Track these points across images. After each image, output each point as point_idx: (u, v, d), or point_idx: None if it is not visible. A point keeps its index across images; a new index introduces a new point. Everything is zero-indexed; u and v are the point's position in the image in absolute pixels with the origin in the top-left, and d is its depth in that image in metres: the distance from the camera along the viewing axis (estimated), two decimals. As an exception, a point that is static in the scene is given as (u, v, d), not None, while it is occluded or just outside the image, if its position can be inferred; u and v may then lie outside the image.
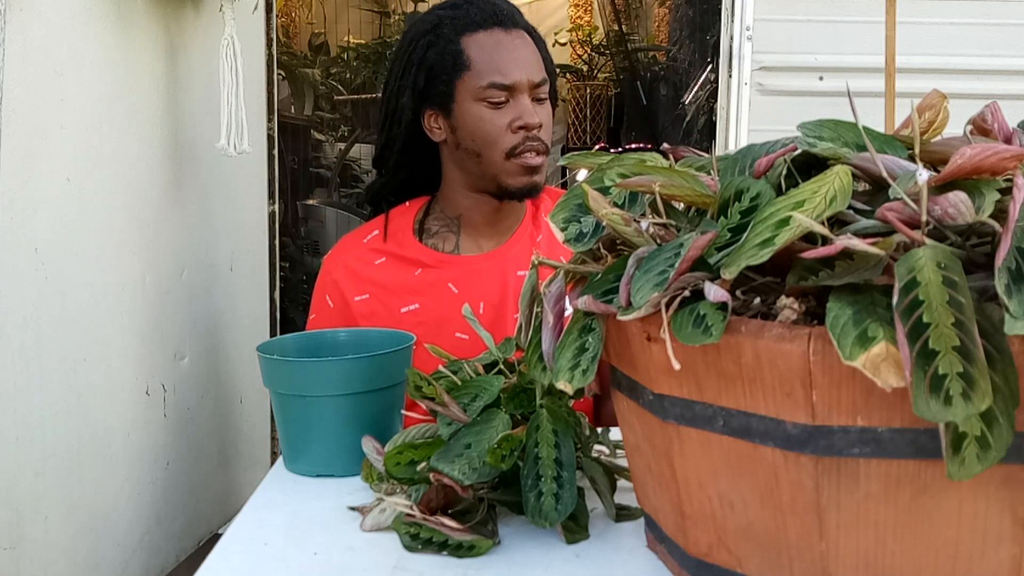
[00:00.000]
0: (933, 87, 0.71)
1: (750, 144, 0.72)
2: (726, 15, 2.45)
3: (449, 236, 1.45)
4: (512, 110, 1.36)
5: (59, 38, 1.41)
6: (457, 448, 0.82)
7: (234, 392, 2.09)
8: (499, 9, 1.40)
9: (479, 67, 1.36)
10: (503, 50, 1.37)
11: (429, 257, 1.41)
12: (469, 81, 1.37)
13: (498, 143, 1.37)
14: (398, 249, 1.43)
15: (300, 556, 0.81)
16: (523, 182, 1.38)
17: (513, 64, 1.36)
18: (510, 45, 1.38)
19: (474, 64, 1.36)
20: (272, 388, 1.01)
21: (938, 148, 0.63)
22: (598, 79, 6.22)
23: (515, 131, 1.36)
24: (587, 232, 0.72)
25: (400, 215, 1.47)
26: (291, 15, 5.74)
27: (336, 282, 1.42)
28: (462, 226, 1.45)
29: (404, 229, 1.45)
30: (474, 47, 1.37)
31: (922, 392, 0.49)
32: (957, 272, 0.52)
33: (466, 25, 1.38)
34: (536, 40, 1.42)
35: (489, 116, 1.36)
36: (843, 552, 0.60)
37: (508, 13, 1.40)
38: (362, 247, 1.44)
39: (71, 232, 1.44)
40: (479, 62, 1.36)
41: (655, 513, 0.76)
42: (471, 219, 1.44)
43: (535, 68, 1.38)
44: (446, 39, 1.38)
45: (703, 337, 0.57)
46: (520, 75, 1.36)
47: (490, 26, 1.38)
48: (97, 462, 1.52)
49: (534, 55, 1.40)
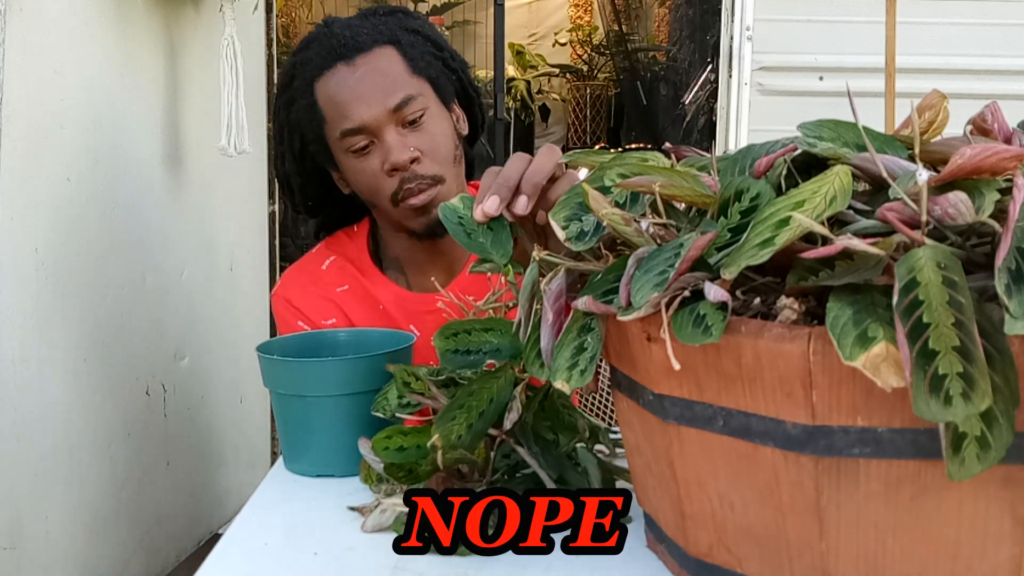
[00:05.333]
0: (933, 87, 0.71)
1: (750, 144, 0.72)
2: (726, 15, 2.45)
3: (399, 276, 1.34)
4: (379, 152, 1.20)
5: (59, 38, 1.41)
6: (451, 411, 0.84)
7: (234, 392, 2.09)
8: (338, 40, 1.21)
9: (330, 116, 1.21)
10: (344, 89, 1.20)
11: (389, 292, 1.31)
12: (330, 133, 1.22)
13: (379, 192, 1.22)
14: (361, 277, 1.32)
15: (300, 556, 0.81)
16: (421, 223, 1.23)
17: (356, 102, 1.19)
18: (351, 80, 1.19)
19: (326, 114, 1.22)
20: (272, 388, 1.01)
21: (938, 148, 0.63)
22: (598, 79, 6.23)
23: (389, 175, 1.20)
24: (588, 231, 0.72)
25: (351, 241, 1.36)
26: (291, 15, 5.75)
27: (300, 309, 1.30)
28: (405, 267, 1.33)
29: (360, 254, 1.34)
30: (323, 94, 1.22)
31: (922, 392, 0.49)
32: (957, 272, 0.52)
33: (313, 71, 1.22)
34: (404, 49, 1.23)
35: (359, 166, 1.22)
36: (843, 552, 0.60)
37: (349, 40, 1.21)
38: (322, 273, 1.33)
39: (71, 232, 1.44)
40: (328, 111, 1.21)
41: (655, 513, 0.76)
42: (412, 260, 1.32)
43: (389, 92, 1.19)
44: (300, 92, 1.24)
45: (703, 337, 0.57)
46: (367, 112, 1.18)
47: (332, 64, 1.21)
48: (97, 462, 1.52)
49: (388, 77, 1.20)
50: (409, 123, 1.20)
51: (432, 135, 1.22)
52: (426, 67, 1.24)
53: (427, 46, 1.26)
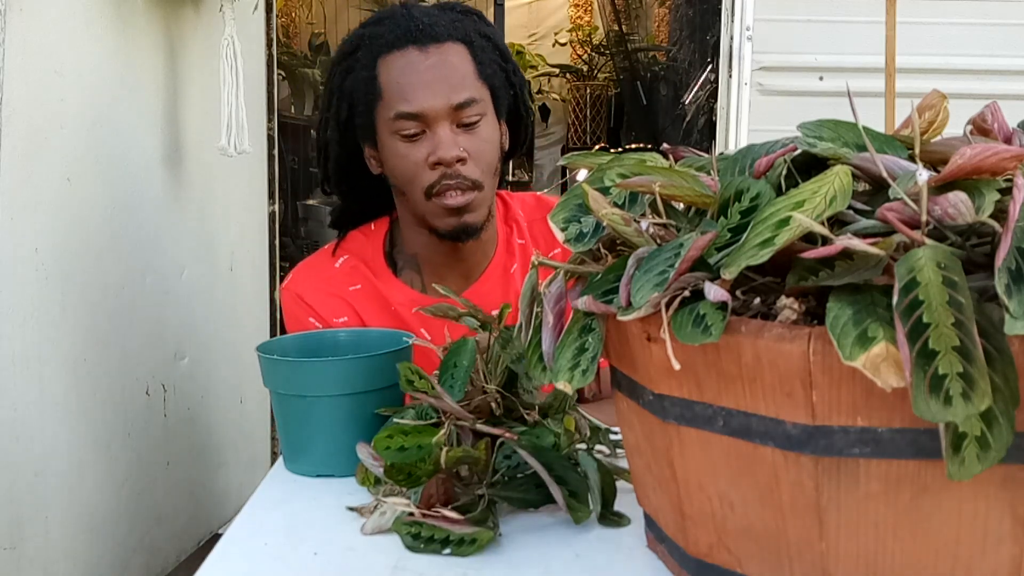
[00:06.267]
0: (933, 87, 0.71)
1: (750, 144, 0.72)
2: (726, 15, 2.45)
3: (414, 276, 1.31)
4: (428, 142, 1.19)
5: (59, 38, 1.41)
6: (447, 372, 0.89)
7: (234, 392, 2.09)
8: (416, 24, 1.21)
9: (388, 95, 1.20)
10: (412, 73, 1.19)
11: (403, 295, 1.29)
12: (382, 111, 1.21)
13: (415, 181, 1.20)
14: (374, 278, 1.30)
15: (300, 556, 0.81)
16: (449, 224, 1.22)
17: (422, 89, 1.18)
18: (422, 67, 1.18)
19: (385, 92, 1.20)
20: (272, 388, 1.01)
21: (938, 148, 0.63)
22: (598, 79, 6.22)
23: (432, 167, 1.19)
24: (587, 232, 0.72)
25: (367, 240, 1.34)
26: (291, 15, 5.75)
27: (311, 305, 1.28)
28: (422, 266, 1.31)
29: (375, 256, 1.32)
30: (385, 72, 1.20)
31: (922, 392, 0.49)
32: (957, 272, 0.52)
33: (381, 47, 1.21)
34: (475, 51, 1.22)
35: (404, 151, 1.20)
36: (843, 552, 0.60)
37: (427, 27, 1.20)
38: (335, 271, 1.31)
39: (71, 232, 1.44)
40: (388, 89, 1.19)
41: (655, 513, 0.76)
42: (429, 259, 1.30)
43: (456, 89, 1.18)
44: (362, 64, 1.22)
45: (703, 337, 0.57)
46: (430, 102, 1.17)
47: (404, 45, 1.20)
48: (97, 462, 1.52)
49: (457, 73, 1.20)
50: (464, 125, 1.20)
51: (482, 141, 1.21)
52: (491, 75, 1.24)
53: (495, 54, 1.26)
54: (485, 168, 1.22)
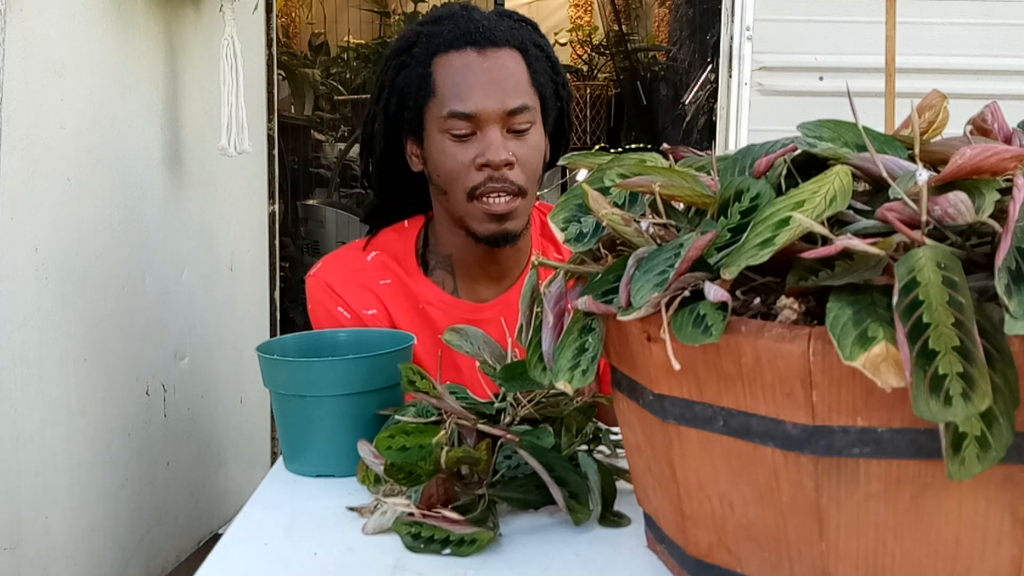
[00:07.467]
0: (933, 87, 0.71)
1: (750, 144, 0.72)
2: (726, 15, 2.45)
3: (447, 277, 1.31)
4: (478, 144, 1.20)
5: (59, 38, 1.41)
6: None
7: (234, 392, 2.09)
8: (475, 26, 1.22)
9: (442, 93, 1.21)
10: (468, 74, 1.20)
11: (433, 295, 1.29)
12: (434, 109, 1.22)
13: (459, 181, 1.21)
14: (404, 275, 1.30)
15: (300, 556, 0.81)
16: (490, 229, 1.22)
17: (478, 90, 1.19)
18: (479, 68, 1.20)
19: (438, 90, 1.21)
20: (272, 388, 1.01)
21: (938, 148, 0.63)
22: (598, 79, 6.22)
23: (479, 168, 1.19)
24: (587, 232, 0.73)
25: (400, 237, 1.34)
26: (291, 15, 5.75)
27: (341, 296, 1.28)
28: (455, 268, 1.31)
29: (407, 254, 1.32)
30: (441, 71, 1.22)
31: (922, 392, 0.49)
32: (957, 272, 0.52)
33: (438, 45, 1.22)
34: (530, 60, 1.24)
35: (452, 150, 1.21)
36: (843, 552, 0.60)
37: (486, 30, 1.22)
38: (365, 264, 1.31)
39: (71, 232, 1.44)
40: (443, 88, 1.21)
41: (655, 513, 0.76)
42: (464, 262, 1.30)
43: (511, 94, 1.20)
44: (417, 60, 1.24)
45: (703, 337, 0.57)
46: (484, 103, 1.19)
47: (462, 46, 1.21)
48: (97, 462, 1.52)
49: (512, 79, 1.21)
50: (515, 131, 1.21)
51: (530, 148, 1.22)
52: (543, 84, 1.25)
53: (547, 65, 1.27)
54: (530, 175, 1.23)
